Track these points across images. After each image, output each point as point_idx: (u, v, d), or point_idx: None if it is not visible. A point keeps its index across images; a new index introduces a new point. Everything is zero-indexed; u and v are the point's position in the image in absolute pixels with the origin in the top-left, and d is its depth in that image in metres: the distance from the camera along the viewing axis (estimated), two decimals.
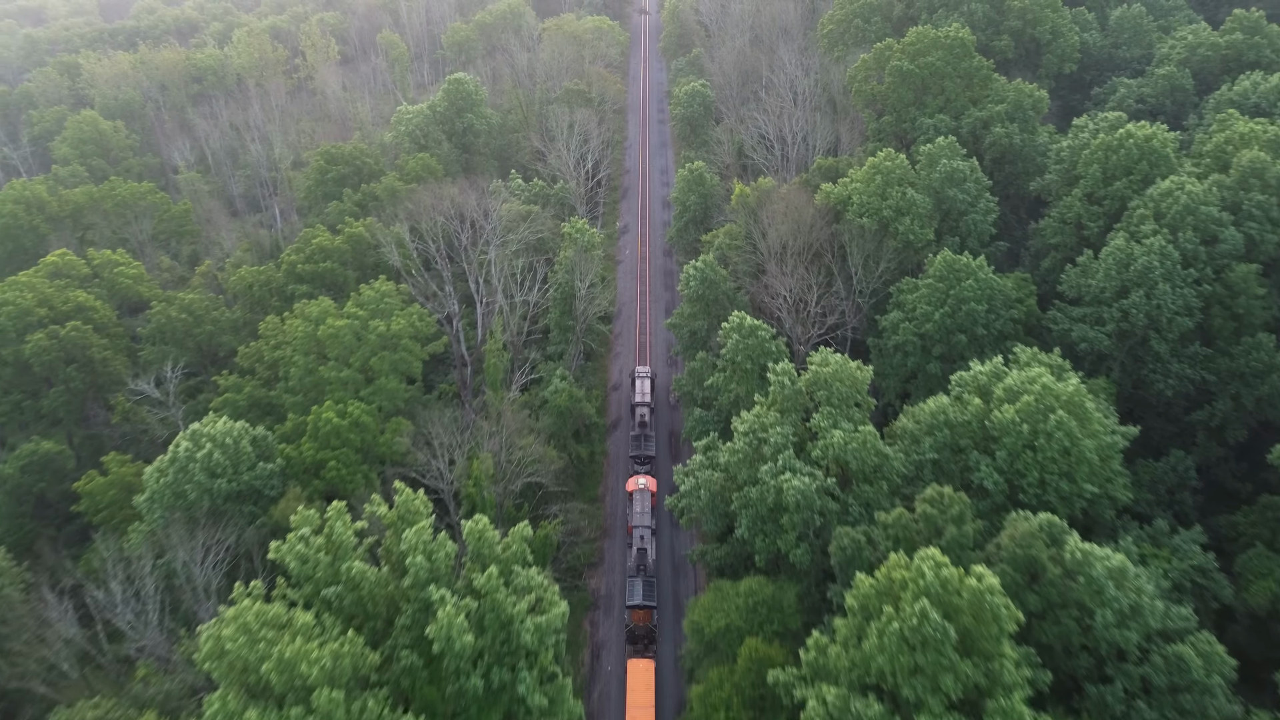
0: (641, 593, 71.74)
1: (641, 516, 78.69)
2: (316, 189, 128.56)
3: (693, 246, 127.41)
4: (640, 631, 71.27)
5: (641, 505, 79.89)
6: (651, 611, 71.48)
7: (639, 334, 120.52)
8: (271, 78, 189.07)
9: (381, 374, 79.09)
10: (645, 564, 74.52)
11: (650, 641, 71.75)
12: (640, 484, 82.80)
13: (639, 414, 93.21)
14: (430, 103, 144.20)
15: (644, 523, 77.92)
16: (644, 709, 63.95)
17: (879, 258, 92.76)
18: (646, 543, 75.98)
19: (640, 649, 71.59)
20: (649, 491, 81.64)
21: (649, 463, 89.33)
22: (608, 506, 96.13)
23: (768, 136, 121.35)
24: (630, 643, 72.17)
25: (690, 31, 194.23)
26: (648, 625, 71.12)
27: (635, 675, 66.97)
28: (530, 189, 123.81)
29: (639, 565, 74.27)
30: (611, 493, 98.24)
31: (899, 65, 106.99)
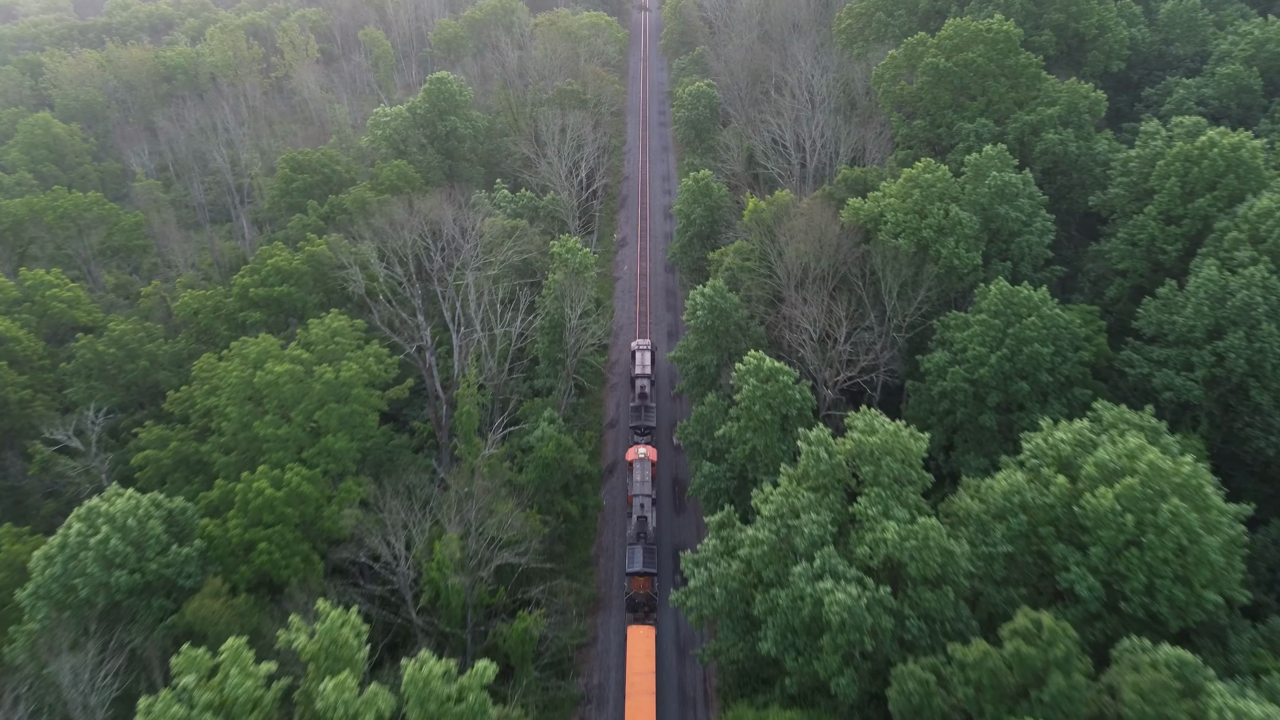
0: (642, 560, 71.21)
1: (642, 485, 77.95)
2: (281, 200, 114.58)
3: (698, 265, 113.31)
4: (640, 599, 70.72)
5: (642, 475, 79.10)
6: (652, 579, 71.02)
7: None
8: (246, 77, 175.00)
9: (329, 430, 65.04)
10: (645, 532, 73.74)
11: (651, 609, 71.09)
12: (640, 454, 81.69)
13: (639, 385, 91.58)
14: (410, 104, 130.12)
15: (644, 491, 77.26)
16: (644, 675, 63.03)
17: (917, 285, 78.86)
18: (647, 511, 75.47)
19: (641, 616, 70.90)
20: (649, 461, 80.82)
21: (649, 433, 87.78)
22: (602, 571, 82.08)
23: (782, 142, 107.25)
24: (630, 610, 71.53)
25: (693, 28, 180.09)
26: (648, 592, 70.62)
27: (636, 642, 65.98)
28: (517, 201, 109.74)
29: (639, 533, 73.66)
30: (606, 553, 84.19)
31: (934, 63, 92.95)
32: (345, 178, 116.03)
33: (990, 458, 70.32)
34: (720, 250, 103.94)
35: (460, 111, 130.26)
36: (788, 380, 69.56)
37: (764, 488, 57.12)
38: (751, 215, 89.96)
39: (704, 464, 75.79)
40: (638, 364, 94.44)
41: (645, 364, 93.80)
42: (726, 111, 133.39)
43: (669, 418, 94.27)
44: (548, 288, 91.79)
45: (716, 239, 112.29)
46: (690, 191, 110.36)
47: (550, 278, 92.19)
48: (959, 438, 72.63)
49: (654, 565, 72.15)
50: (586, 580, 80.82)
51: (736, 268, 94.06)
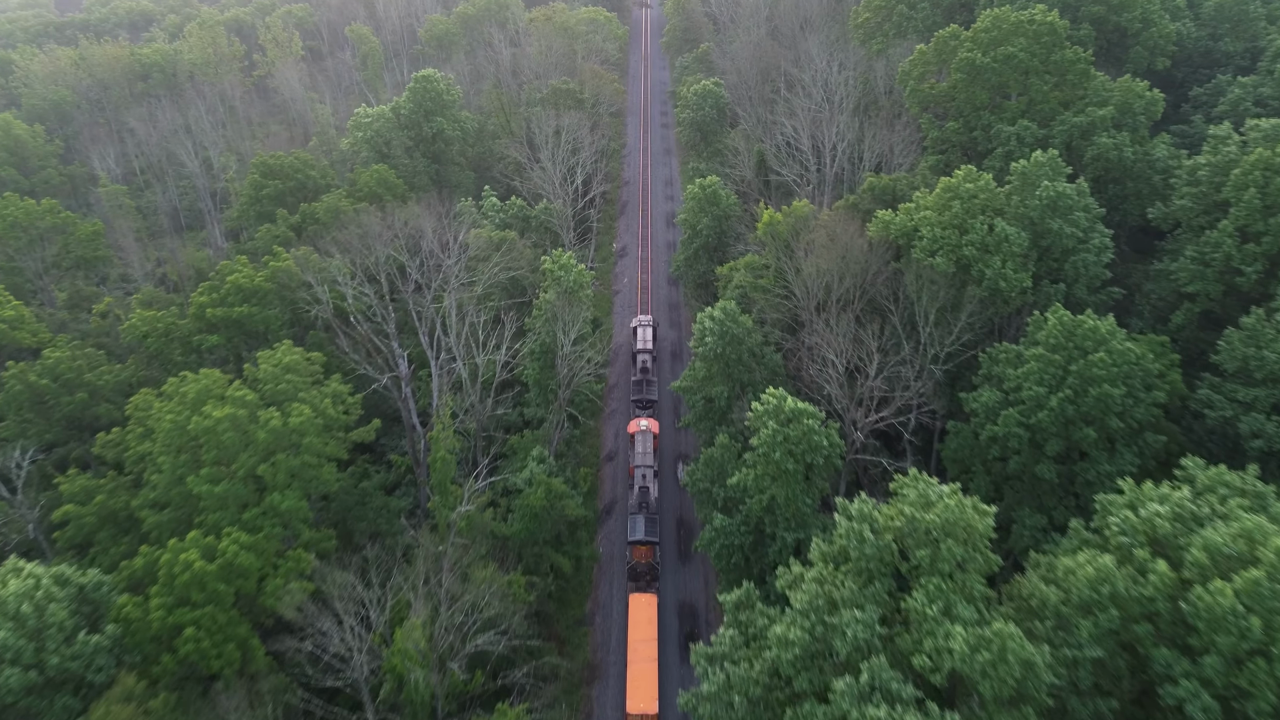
0: (644, 529, 70.53)
1: (643, 457, 77.11)
2: (250, 208, 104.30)
3: (704, 279, 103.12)
4: (642, 568, 69.94)
5: (643, 446, 78.22)
6: (654, 548, 70.41)
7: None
8: (225, 76, 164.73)
9: (275, 487, 54.75)
10: (647, 501, 72.96)
11: (653, 578, 70.21)
12: (642, 425, 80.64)
13: (640, 360, 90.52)
14: (394, 104, 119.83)
15: (646, 463, 76.37)
16: (646, 642, 62.28)
17: (957, 310, 68.65)
18: (649, 481, 74.64)
19: (642, 586, 69.87)
20: (651, 434, 79.85)
21: (651, 406, 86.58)
22: (598, 632, 71.95)
23: (797, 146, 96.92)
24: (632, 579, 70.53)
25: (697, 25, 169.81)
26: (650, 561, 69.93)
27: (638, 609, 65.24)
28: (507, 210, 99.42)
29: (641, 503, 72.84)
30: (603, 610, 73.99)
31: (969, 58, 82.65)
32: (320, 184, 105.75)
33: (1048, 513, 60.16)
34: (729, 265, 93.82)
35: (448, 112, 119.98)
36: (813, 424, 59.36)
37: (792, 567, 46.81)
38: (766, 228, 79.74)
39: (715, 515, 65.53)
40: (639, 339, 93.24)
41: (647, 339, 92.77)
42: (734, 112, 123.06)
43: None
44: (538, 308, 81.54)
45: (725, 251, 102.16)
46: (696, 199, 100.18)
47: (541, 297, 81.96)
48: (1010, 489, 62.39)
49: (656, 534, 71.06)
50: (580, 643, 70.66)
51: (749, 286, 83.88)
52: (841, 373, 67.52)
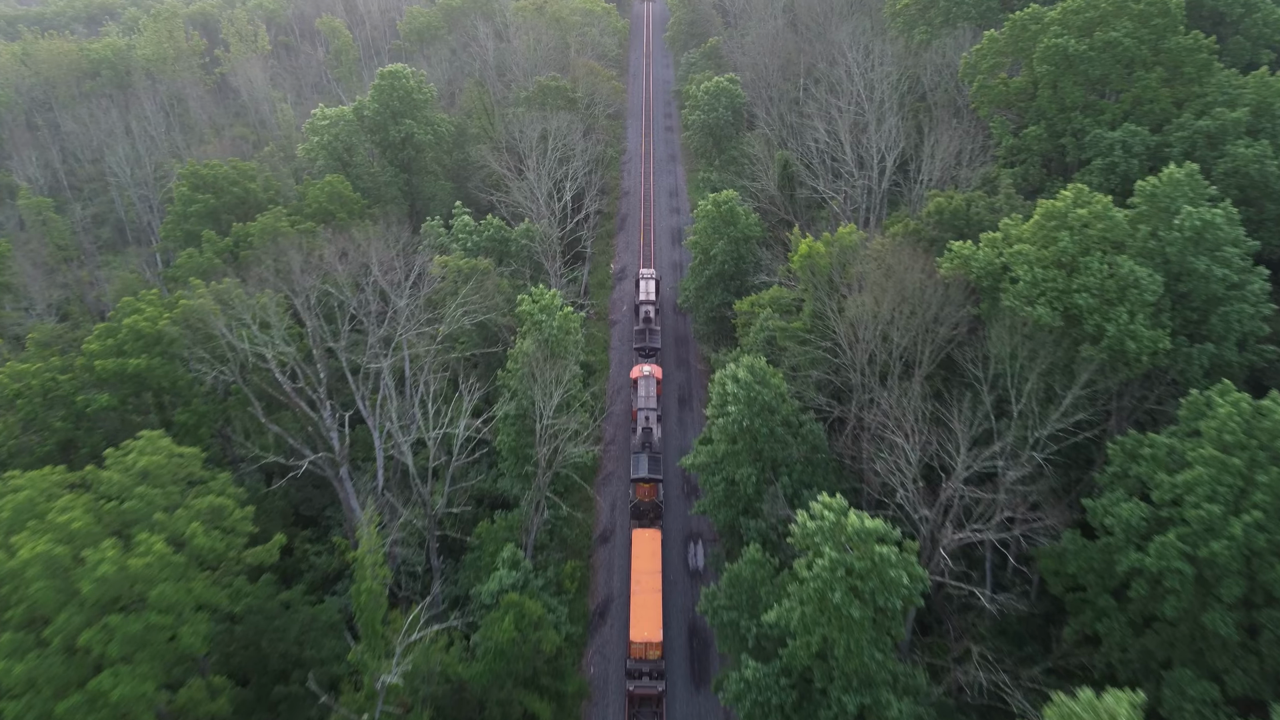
0: (647, 466, 68.91)
1: (646, 400, 75.69)
2: (175, 228, 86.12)
3: (718, 314, 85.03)
4: (645, 507, 68.32)
5: (646, 390, 76.65)
6: (657, 486, 68.85)
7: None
8: (183, 72, 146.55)
9: (108, 662, 36.67)
10: (650, 442, 71.57)
11: (656, 516, 68.58)
12: (645, 371, 78.91)
13: (643, 311, 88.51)
14: (356, 104, 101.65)
15: (649, 406, 74.88)
16: (651, 574, 60.65)
17: (1067, 377, 50.62)
18: (652, 423, 73.22)
19: (646, 524, 67.69)
20: (654, 379, 78.21)
21: (654, 354, 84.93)
22: None
23: (833, 154, 78.69)
24: (635, 518, 68.59)
25: (705, 18, 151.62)
26: (653, 500, 68.45)
27: (641, 543, 63.70)
28: (481, 232, 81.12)
29: (644, 443, 71.46)
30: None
31: (1058, 45, 64.39)
32: (262, 198, 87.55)
33: (1220, 681, 42.06)
34: (751, 300, 75.87)
35: (419, 113, 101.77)
36: (888, 552, 41.28)
37: None
38: (803, 262, 61.57)
39: (745, 661, 47.39)
40: (642, 292, 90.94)
41: (650, 292, 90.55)
42: (750, 113, 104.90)
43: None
44: (513, 358, 63.40)
45: (744, 280, 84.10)
46: (709, 218, 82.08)
47: (518, 344, 63.84)
48: (1157, 636, 44.26)
49: (659, 472, 69.62)
50: None
51: (778, 332, 65.78)
52: (914, 464, 49.35)
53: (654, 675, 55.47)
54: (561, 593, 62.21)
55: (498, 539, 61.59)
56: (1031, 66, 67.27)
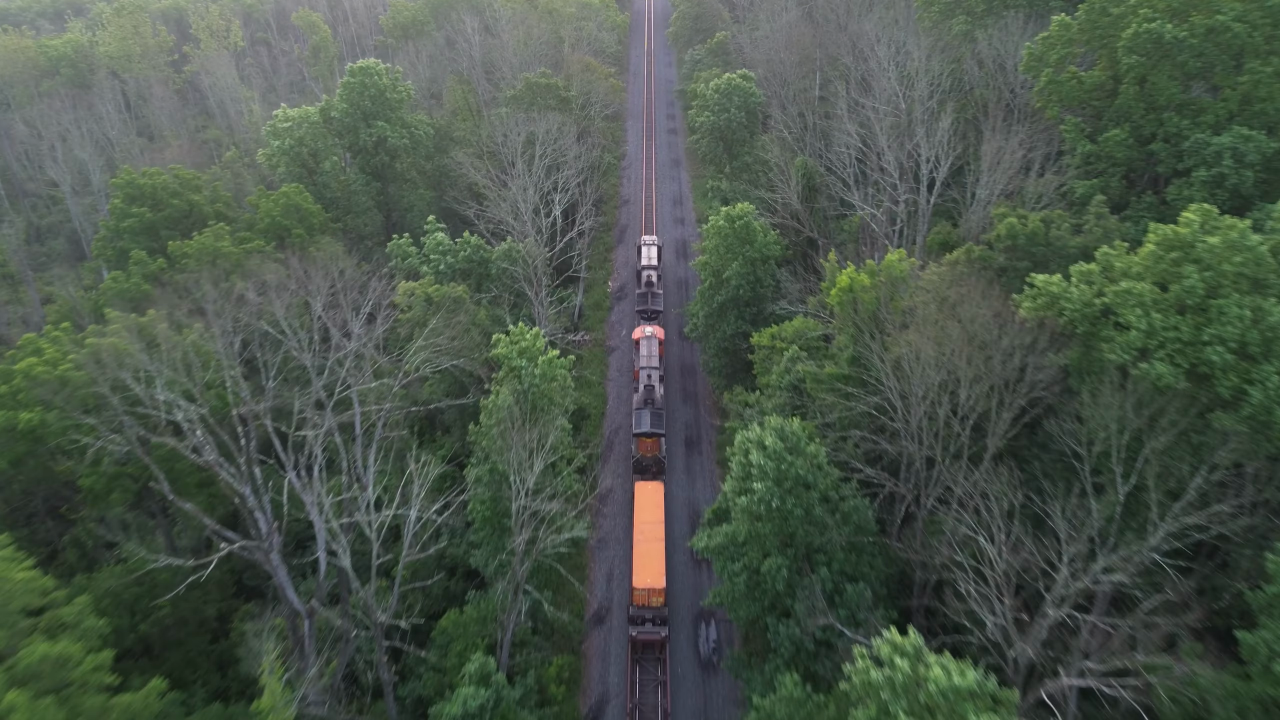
0: (649, 421, 67.42)
1: (649, 359, 74.15)
2: (107, 246, 74.16)
3: (731, 346, 73.06)
4: (648, 462, 67.33)
5: (648, 350, 75.16)
6: (659, 440, 67.73)
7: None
8: (149, 70, 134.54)
9: None
10: (653, 398, 69.78)
11: (659, 471, 67.69)
12: (647, 332, 77.39)
13: (645, 275, 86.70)
14: (323, 105, 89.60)
15: (652, 365, 73.42)
16: (653, 523, 59.73)
17: (1196, 455, 38.68)
18: (654, 381, 71.58)
19: (648, 479, 66.52)
20: (656, 339, 76.71)
21: (656, 316, 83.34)
22: None
23: (868, 161, 66.54)
24: (638, 473, 67.32)
25: (711, 12, 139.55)
26: (655, 455, 67.51)
27: (644, 495, 62.61)
28: (456, 253, 68.97)
29: (646, 399, 69.70)
30: None
31: (1151, 31, 52.31)
32: (209, 212, 75.50)
33: None
34: (771, 332, 63.89)
35: (394, 114, 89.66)
36: (962, 688, 29.39)
37: None
38: (843, 297, 49.49)
39: None
40: (644, 257, 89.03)
41: (652, 257, 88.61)
42: (765, 113, 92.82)
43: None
44: (487, 412, 51.34)
45: (761, 308, 72.12)
46: (721, 236, 70.08)
47: (493, 396, 51.74)
48: None
49: (661, 427, 68.73)
50: None
51: (808, 379, 53.74)
52: (1002, 574, 37.24)
53: (657, 621, 55.12)
54: (546, 703, 50.21)
55: (467, 634, 49.70)
56: (1113, 58, 55.21)
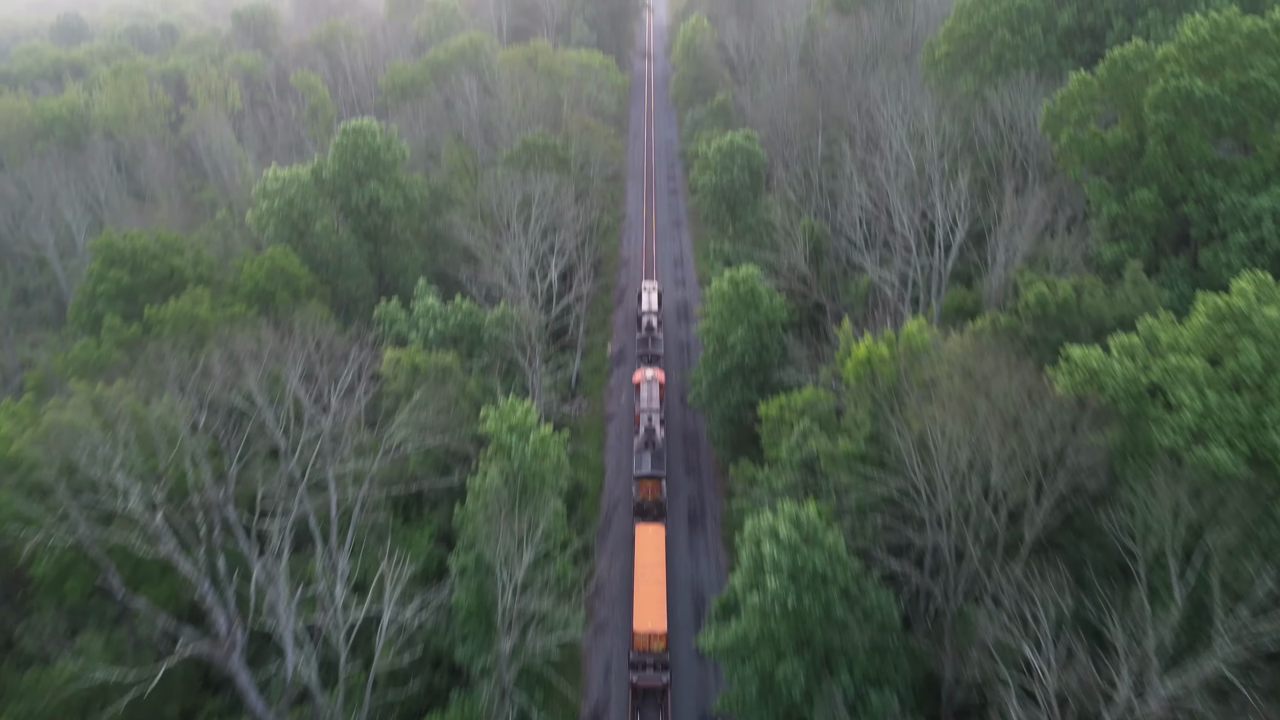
0: (650, 464, 66.81)
1: (649, 402, 73.40)
2: (82, 311, 70.66)
3: (737, 416, 69.05)
4: (648, 505, 66.17)
5: (648, 393, 74.37)
6: (660, 483, 66.71)
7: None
8: (145, 129, 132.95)
9: None
10: (653, 441, 68.96)
11: (659, 514, 66.38)
12: (648, 375, 76.62)
13: (645, 320, 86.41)
14: (314, 165, 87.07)
15: (652, 407, 72.81)
16: (654, 566, 58.82)
17: (1265, 555, 34.39)
18: (655, 423, 70.72)
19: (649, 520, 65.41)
20: (657, 382, 75.72)
21: (657, 360, 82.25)
22: None
23: (872, 220, 63.34)
24: (638, 515, 66.24)
25: (711, 73, 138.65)
26: (656, 499, 66.35)
27: (644, 537, 61.66)
28: (448, 318, 65.38)
29: (647, 442, 68.99)
30: None
31: (1180, 88, 49.45)
32: (190, 275, 72.18)
33: None
34: (780, 403, 59.88)
35: (388, 174, 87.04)
36: None
37: None
38: (859, 370, 45.63)
39: None
40: (644, 304, 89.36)
41: (652, 304, 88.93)
42: (768, 172, 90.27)
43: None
44: (473, 493, 47.11)
45: (768, 376, 68.29)
46: (725, 300, 66.56)
47: (480, 475, 47.55)
48: None
49: (662, 468, 67.81)
50: None
51: (823, 457, 49.56)
52: (1052, 690, 32.61)
53: (658, 667, 53.64)
54: None
55: None
56: (1137, 115, 52.28)
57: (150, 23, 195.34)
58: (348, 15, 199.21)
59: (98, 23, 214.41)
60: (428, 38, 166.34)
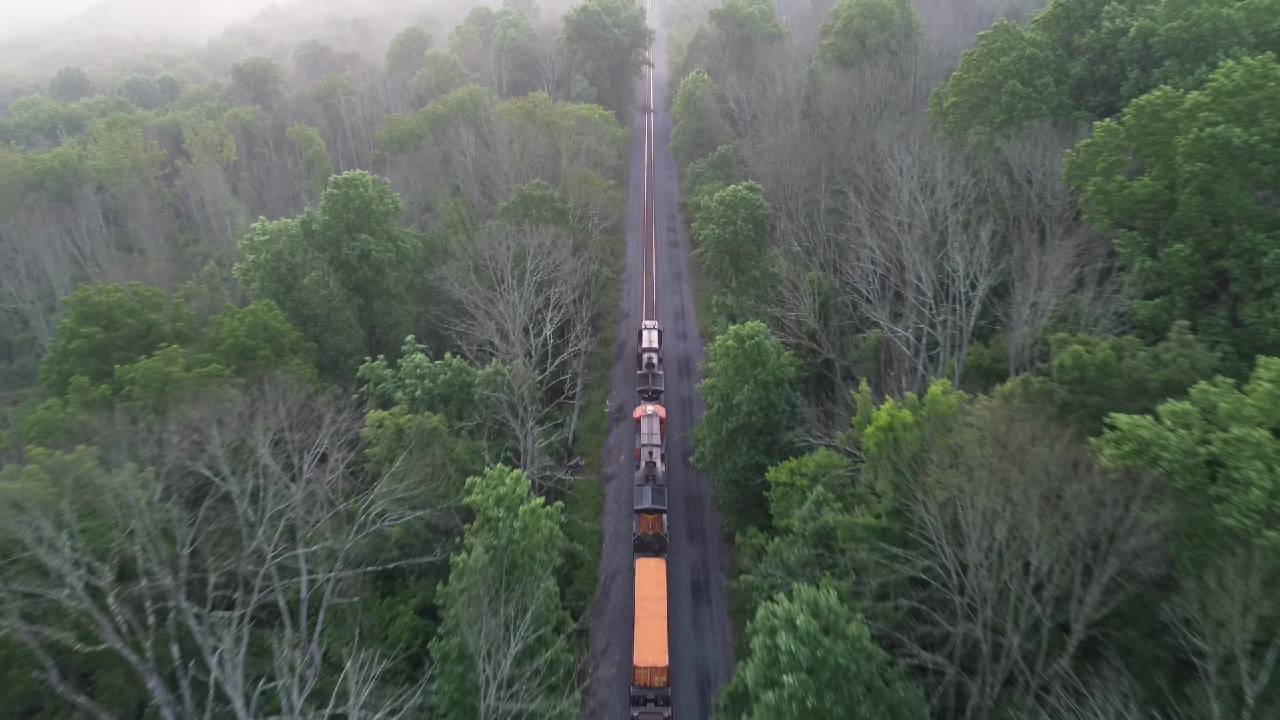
0: (651, 497, 65.59)
1: (650, 437, 72.55)
2: (51, 370, 66.80)
3: (743, 479, 64.86)
4: (649, 539, 64.73)
5: (649, 428, 73.51)
6: (661, 518, 65.42)
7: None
8: (139, 182, 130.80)
9: None
10: (654, 475, 67.96)
11: (660, 548, 64.90)
12: (649, 410, 75.71)
13: (645, 357, 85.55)
14: (303, 217, 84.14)
15: (653, 442, 71.91)
16: (655, 600, 58.01)
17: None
18: (655, 458, 69.83)
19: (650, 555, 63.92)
20: (658, 418, 74.85)
21: (657, 396, 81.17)
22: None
23: (888, 276, 59.88)
24: (639, 551, 64.81)
25: (712, 126, 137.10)
26: (657, 533, 64.94)
27: (645, 571, 60.85)
28: (435, 376, 61.52)
29: (648, 476, 67.97)
30: None
31: (1217, 136, 46.36)
32: (167, 332, 68.53)
33: None
34: (791, 467, 55.91)
35: (380, 226, 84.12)
36: None
37: None
38: (880, 438, 41.60)
39: None
40: (644, 341, 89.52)
41: (652, 341, 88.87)
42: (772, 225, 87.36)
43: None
44: (456, 572, 42.68)
45: (775, 437, 64.26)
46: (731, 358, 62.79)
47: (463, 554, 43.15)
48: None
49: (664, 503, 66.17)
50: None
51: (840, 531, 45.26)
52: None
53: (659, 702, 53.02)
54: None
55: None
56: (1168, 165, 49.17)
57: (150, 78, 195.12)
58: (350, 71, 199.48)
59: (100, 77, 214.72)
60: (427, 92, 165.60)
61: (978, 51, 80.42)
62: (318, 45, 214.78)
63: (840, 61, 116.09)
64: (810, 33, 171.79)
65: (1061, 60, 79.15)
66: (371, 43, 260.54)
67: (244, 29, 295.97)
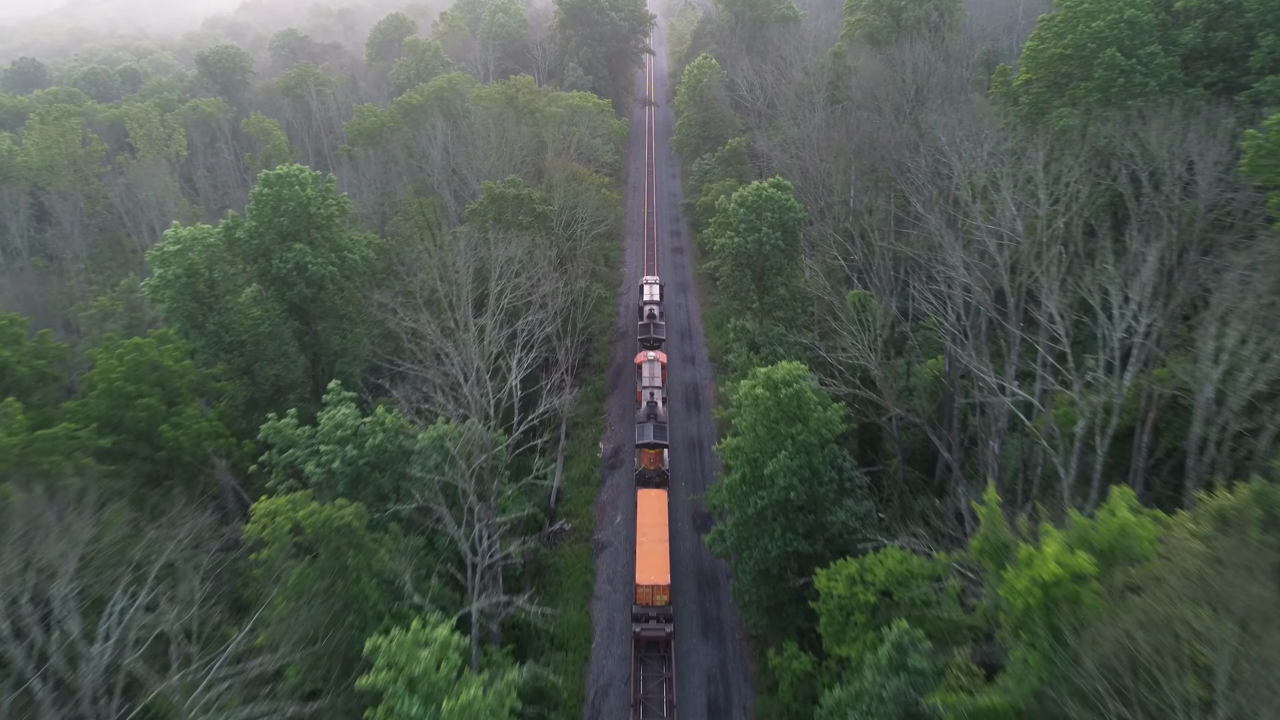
0: (652, 433, 65.28)
1: (651, 380, 72.63)
2: None
3: (776, 572, 48.12)
4: (651, 474, 64.73)
5: (650, 372, 73.41)
6: (662, 452, 65.54)
7: None
8: (78, 181, 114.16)
9: None
10: (655, 413, 67.56)
11: (662, 483, 64.67)
12: (650, 356, 75.57)
13: (647, 309, 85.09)
14: (226, 222, 67.40)
15: (654, 384, 71.88)
16: (657, 526, 57.73)
17: None
18: (657, 399, 69.52)
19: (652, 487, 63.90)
20: (659, 363, 74.73)
21: (659, 344, 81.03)
22: None
23: (984, 308, 43.12)
24: (641, 485, 64.31)
25: (720, 118, 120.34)
26: (658, 468, 65.08)
27: (647, 501, 60.59)
28: (362, 441, 44.60)
29: (649, 414, 67.61)
30: None
31: None
32: (24, 373, 51.78)
33: None
34: (849, 572, 39.74)
35: (320, 234, 67.38)
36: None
37: None
38: (1036, 597, 25.05)
39: None
40: (645, 295, 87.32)
41: (653, 294, 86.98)
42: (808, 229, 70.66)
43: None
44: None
45: (820, 516, 47.73)
46: (760, 410, 46.18)
47: None
48: None
49: (665, 439, 65.83)
50: None
51: (950, 713, 28.57)
52: None
53: (661, 619, 52.44)
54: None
55: None
56: None
57: (110, 69, 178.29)
58: (328, 62, 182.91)
59: (60, 68, 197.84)
60: (407, 82, 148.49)
61: (1059, 16, 63.83)
62: (295, 35, 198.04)
63: (871, 40, 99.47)
64: (826, 17, 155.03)
65: (1165, 25, 62.58)
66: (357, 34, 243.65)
67: (224, 21, 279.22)
